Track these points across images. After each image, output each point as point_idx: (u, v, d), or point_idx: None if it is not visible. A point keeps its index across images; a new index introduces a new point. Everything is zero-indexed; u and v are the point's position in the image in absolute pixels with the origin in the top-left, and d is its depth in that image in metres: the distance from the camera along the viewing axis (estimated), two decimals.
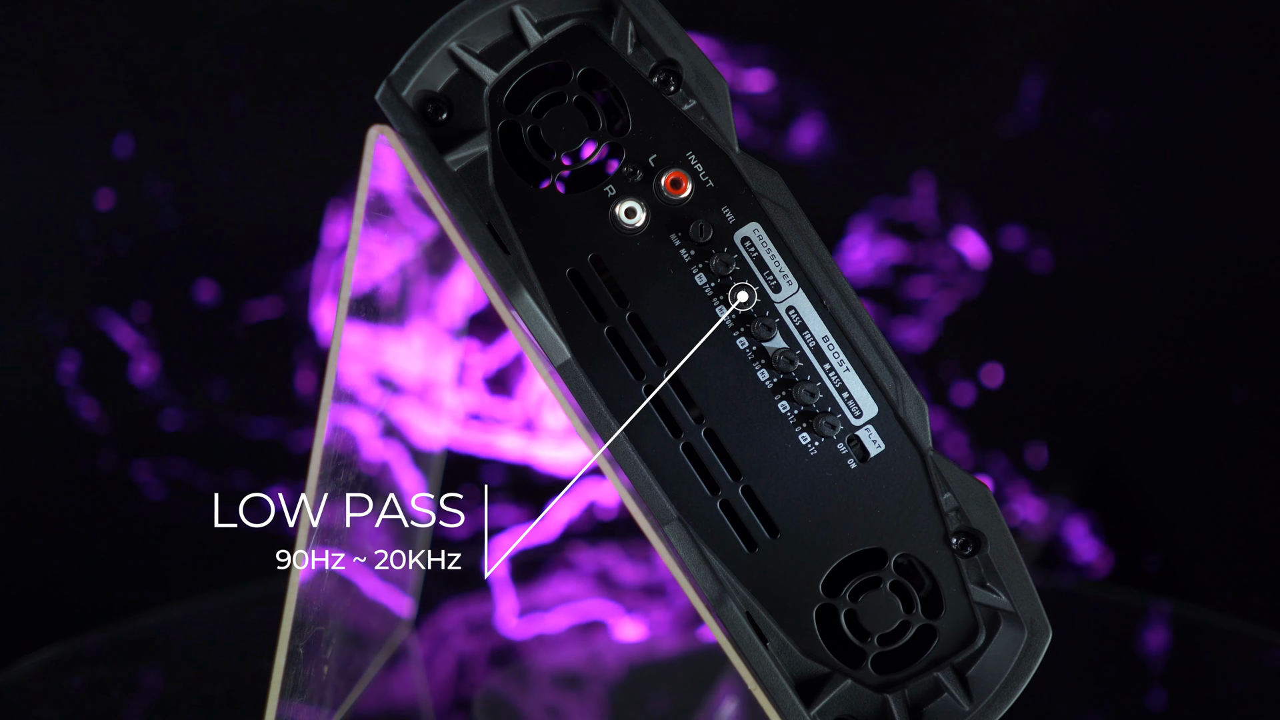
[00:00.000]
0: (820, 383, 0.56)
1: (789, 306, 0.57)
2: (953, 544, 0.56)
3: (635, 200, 0.56)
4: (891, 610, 0.57)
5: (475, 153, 0.56)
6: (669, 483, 0.57)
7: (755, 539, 0.57)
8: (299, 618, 0.60)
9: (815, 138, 1.10)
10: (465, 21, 0.56)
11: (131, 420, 1.07)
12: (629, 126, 0.56)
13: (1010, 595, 0.56)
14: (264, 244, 1.09)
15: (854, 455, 0.57)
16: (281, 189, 1.09)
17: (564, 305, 0.56)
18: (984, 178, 1.12)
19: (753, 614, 0.57)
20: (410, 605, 0.87)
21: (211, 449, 1.09)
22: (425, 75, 0.56)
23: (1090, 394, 1.14)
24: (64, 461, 1.08)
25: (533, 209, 0.56)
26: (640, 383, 0.57)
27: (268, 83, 1.08)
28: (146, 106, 1.06)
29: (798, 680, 0.57)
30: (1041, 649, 0.56)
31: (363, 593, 0.73)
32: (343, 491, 0.64)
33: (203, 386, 1.08)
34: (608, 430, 0.56)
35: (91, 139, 1.06)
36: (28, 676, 0.80)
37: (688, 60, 0.56)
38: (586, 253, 0.57)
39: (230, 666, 0.82)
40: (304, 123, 1.09)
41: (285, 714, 0.61)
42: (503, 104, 0.57)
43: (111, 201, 1.06)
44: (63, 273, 1.07)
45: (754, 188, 0.57)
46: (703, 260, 0.56)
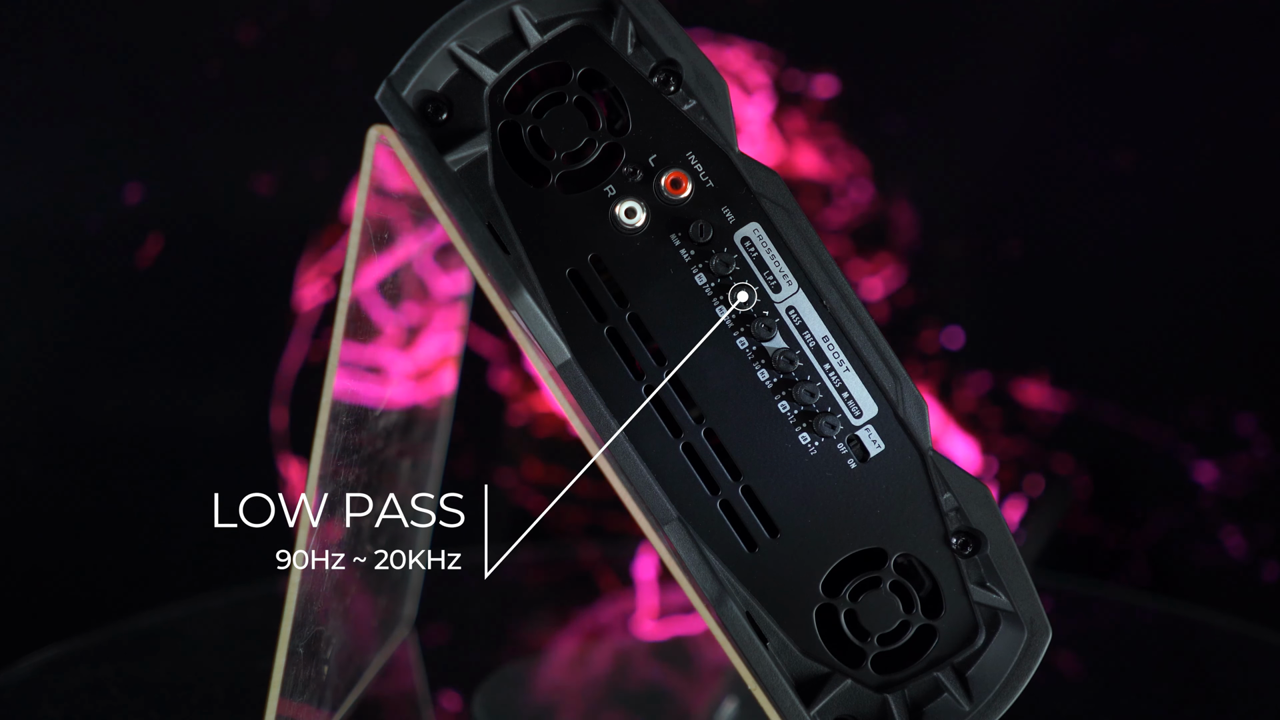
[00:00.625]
0: (820, 383, 0.56)
1: (789, 306, 0.57)
2: (953, 544, 0.56)
3: (635, 200, 0.56)
4: (891, 610, 0.57)
5: (475, 153, 0.56)
6: (669, 483, 0.57)
7: (755, 539, 0.57)
8: (299, 618, 0.60)
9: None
10: (465, 21, 0.56)
11: (132, 420, 1.07)
12: (629, 126, 0.56)
13: (1010, 595, 0.56)
14: (264, 243, 1.09)
15: (854, 455, 0.57)
16: (282, 189, 1.09)
17: (564, 305, 0.56)
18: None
19: (753, 614, 0.57)
20: (410, 605, 0.87)
21: (212, 448, 1.09)
22: (425, 75, 0.56)
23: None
24: (64, 461, 1.08)
25: (533, 209, 0.56)
26: (640, 383, 0.57)
27: (268, 83, 1.08)
28: (147, 106, 1.06)
29: (798, 680, 0.57)
30: (1041, 649, 0.56)
31: (363, 593, 0.73)
32: (343, 491, 0.64)
33: (203, 386, 1.08)
34: (608, 430, 0.56)
35: (91, 139, 1.06)
36: (28, 676, 0.80)
37: (688, 60, 0.56)
38: (586, 253, 0.57)
39: (230, 666, 0.82)
40: (304, 122, 1.09)
41: (285, 714, 0.61)
42: (503, 104, 0.57)
43: (111, 201, 1.06)
44: (63, 271, 1.07)
45: (754, 188, 0.57)
46: (703, 260, 0.56)
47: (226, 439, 1.09)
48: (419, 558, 0.86)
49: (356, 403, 0.64)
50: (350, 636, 0.71)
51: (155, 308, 1.08)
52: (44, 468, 1.08)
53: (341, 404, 0.61)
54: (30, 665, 0.81)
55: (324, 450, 0.60)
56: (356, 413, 0.65)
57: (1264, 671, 0.87)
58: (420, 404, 0.82)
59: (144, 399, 1.07)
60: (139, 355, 1.07)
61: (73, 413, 1.07)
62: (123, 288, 1.07)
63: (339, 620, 0.68)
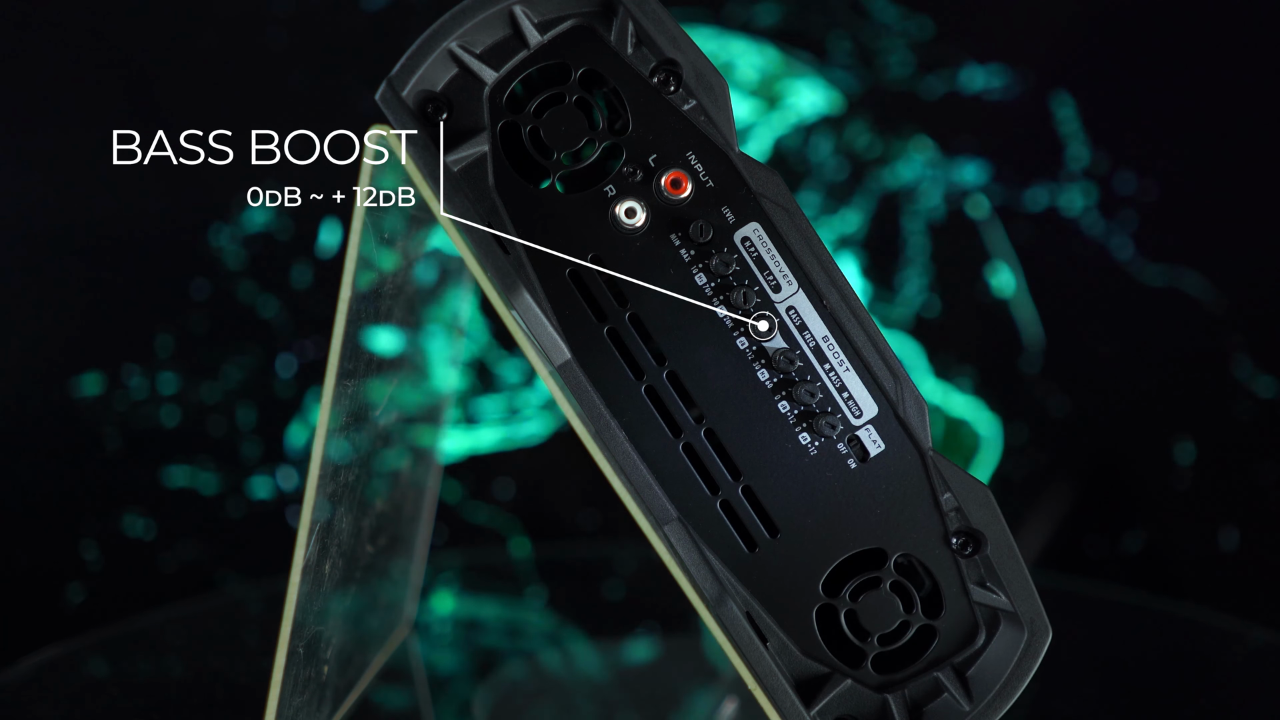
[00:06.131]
0: (820, 383, 0.56)
1: (789, 306, 0.57)
2: (953, 544, 0.56)
3: (635, 200, 0.56)
4: (891, 610, 0.57)
5: (475, 153, 0.56)
6: (669, 483, 0.57)
7: (755, 539, 0.57)
8: (299, 618, 0.60)
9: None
10: (465, 21, 0.56)
11: (132, 419, 1.07)
12: (629, 126, 0.56)
13: (1010, 595, 0.56)
14: (264, 243, 1.09)
15: (854, 455, 0.57)
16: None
17: (564, 305, 0.56)
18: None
19: (753, 614, 0.57)
20: (410, 605, 0.87)
21: (212, 448, 1.09)
22: (425, 75, 0.56)
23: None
24: (64, 461, 1.08)
25: (533, 209, 0.56)
26: (640, 383, 0.57)
27: (268, 83, 1.08)
28: (146, 107, 1.06)
29: (798, 680, 0.57)
30: (1041, 649, 0.56)
31: (363, 593, 0.73)
32: (343, 491, 0.64)
33: (203, 385, 1.08)
34: (608, 430, 0.56)
35: (90, 138, 1.06)
36: (28, 676, 0.80)
37: (688, 60, 0.56)
38: (586, 253, 0.57)
39: (230, 666, 0.82)
40: (304, 122, 1.08)
41: (285, 714, 0.61)
42: (503, 104, 0.57)
43: (111, 200, 1.06)
44: (63, 270, 1.07)
45: (754, 188, 0.57)
46: (703, 260, 0.56)
47: (227, 438, 1.09)
48: (419, 558, 0.87)
49: (358, 402, 0.64)
50: (350, 636, 0.71)
51: (155, 306, 1.08)
52: (44, 467, 1.07)
53: (342, 404, 0.61)
54: (30, 665, 0.81)
55: (324, 450, 0.60)
56: (357, 412, 0.65)
57: (1264, 671, 0.87)
58: (421, 404, 0.82)
59: (145, 398, 1.07)
60: (140, 354, 1.07)
61: (73, 412, 1.07)
62: (122, 285, 1.07)
63: (339, 620, 0.68)
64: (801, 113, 1.10)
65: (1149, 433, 1.13)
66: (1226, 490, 1.12)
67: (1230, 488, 1.12)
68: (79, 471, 1.07)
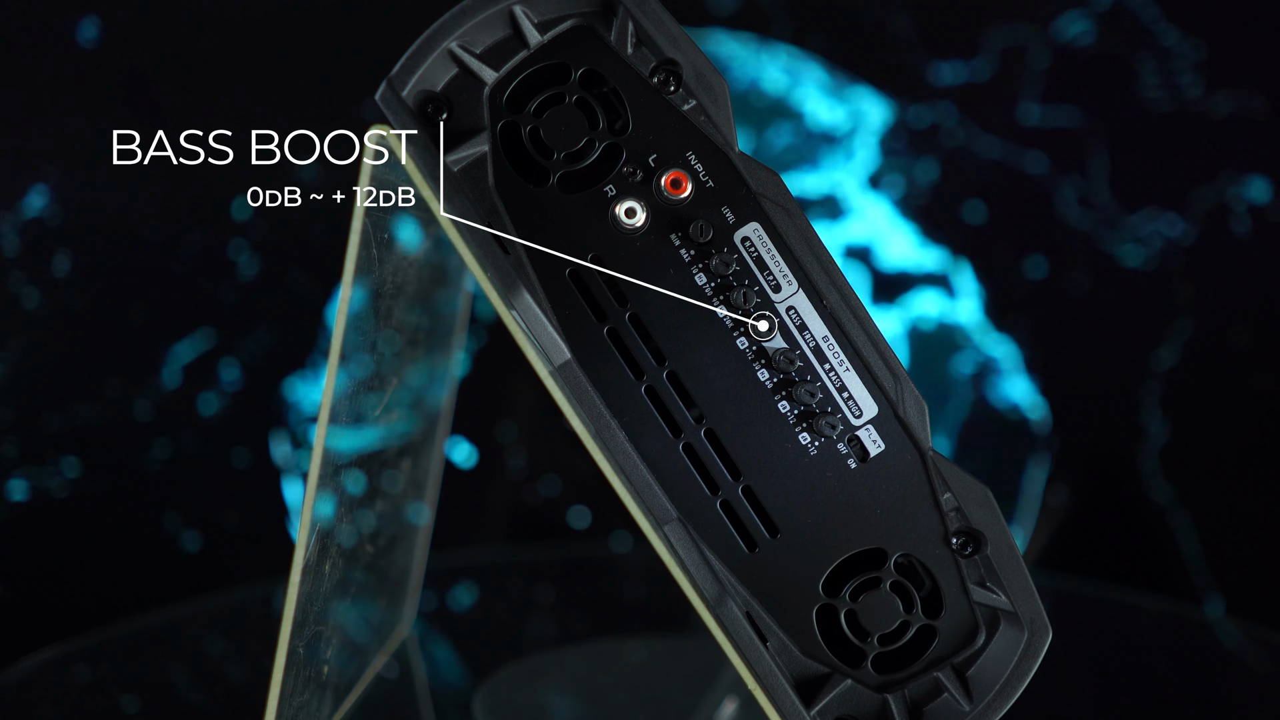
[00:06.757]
0: (820, 383, 0.56)
1: (789, 306, 0.57)
2: (953, 544, 0.56)
3: (635, 200, 0.56)
4: (891, 610, 0.57)
5: (475, 153, 0.56)
6: (669, 483, 0.57)
7: (755, 539, 0.57)
8: (299, 618, 0.60)
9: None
10: (465, 21, 0.56)
11: (132, 419, 1.07)
12: (629, 126, 0.56)
13: (1010, 595, 0.56)
14: (264, 242, 1.09)
15: (854, 455, 0.57)
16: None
17: (564, 305, 0.56)
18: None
19: (753, 614, 0.57)
20: (410, 605, 0.87)
21: (212, 448, 1.09)
22: (425, 75, 0.56)
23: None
24: (65, 461, 1.08)
25: (533, 209, 0.56)
26: (640, 383, 0.57)
27: (268, 83, 1.08)
28: (145, 107, 1.06)
29: (798, 680, 0.57)
30: (1041, 649, 0.56)
31: (363, 593, 0.73)
32: (343, 491, 0.64)
33: (203, 386, 1.08)
34: (608, 430, 0.56)
35: (89, 138, 1.06)
36: (28, 676, 0.80)
37: (688, 60, 0.56)
38: (586, 253, 0.57)
39: (230, 666, 0.82)
40: (303, 122, 1.08)
41: (285, 714, 0.61)
42: (503, 104, 0.57)
43: (111, 200, 1.06)
44: (63, 270, 1.07)
45: (754, 188, 0.57)
46: (703, 260, 0.56)
47: (227, 438, 1.09)
48: (419, 558, 0.87)
49: (357, 403, 0.64)
50: (350, 636, 0.71)
51: (154, 306, 1.08)
52: (43, 467, 1.08)
53: (342, 404, 0.61)
54: (30, 665, 0.81)
55: (324, 450, 0.60)
56: (357, 413, 0.65)
57: (1264, 671, 0.87)
58: (420, 404, 0.82)
59: (145, 398, 1.07)
60: (140, 353, 1.07)
61: (72, 412, 1.07)
62: (122, 285, 1.07)
63: (339, 620, 0.68)
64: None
65: (1149, 433, 1.13)
66: (1227, 490, 1.12)
67: (1230, 487, 1.12)
68: (79, 471, 1.07)
